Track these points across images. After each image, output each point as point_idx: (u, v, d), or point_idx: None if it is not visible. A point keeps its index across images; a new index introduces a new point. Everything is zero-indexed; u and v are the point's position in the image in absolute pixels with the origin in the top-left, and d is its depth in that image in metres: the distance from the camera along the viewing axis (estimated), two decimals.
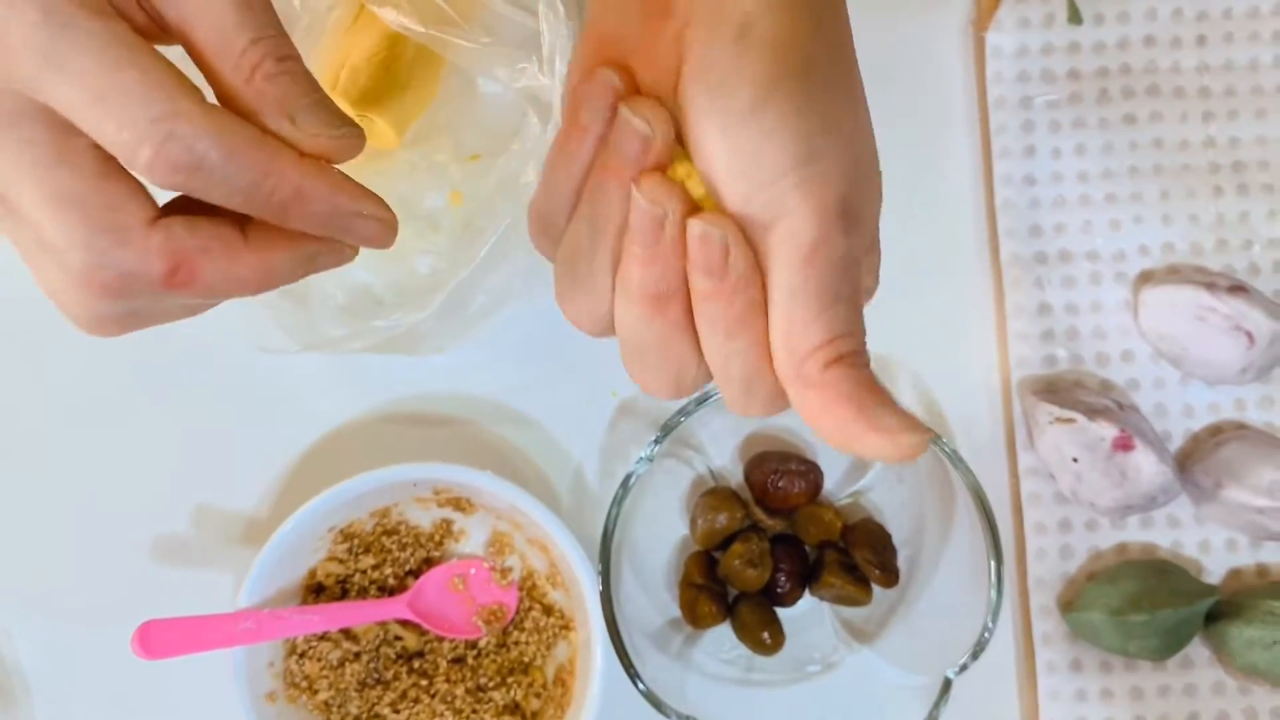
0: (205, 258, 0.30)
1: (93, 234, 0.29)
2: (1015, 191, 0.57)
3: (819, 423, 0.29)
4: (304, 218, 0.30)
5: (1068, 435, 0.53)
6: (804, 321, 0.28)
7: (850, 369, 0.28)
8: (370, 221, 0.31)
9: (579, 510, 0.57)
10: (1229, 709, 0.54)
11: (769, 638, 0.53)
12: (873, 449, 0.29)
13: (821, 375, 0.28)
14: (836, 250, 0.28)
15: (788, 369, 0.29)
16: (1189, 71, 0.58)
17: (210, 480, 0.56)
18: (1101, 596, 0.53)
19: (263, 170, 0.29)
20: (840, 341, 0.28)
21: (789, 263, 0.28)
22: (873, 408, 0.28)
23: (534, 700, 0.55)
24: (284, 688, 0.53)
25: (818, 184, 0.28)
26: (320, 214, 0.30)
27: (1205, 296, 0.53)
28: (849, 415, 0.28)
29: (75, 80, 0.27)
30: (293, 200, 0.29)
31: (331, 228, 0.31)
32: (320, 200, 0.30)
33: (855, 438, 0.29)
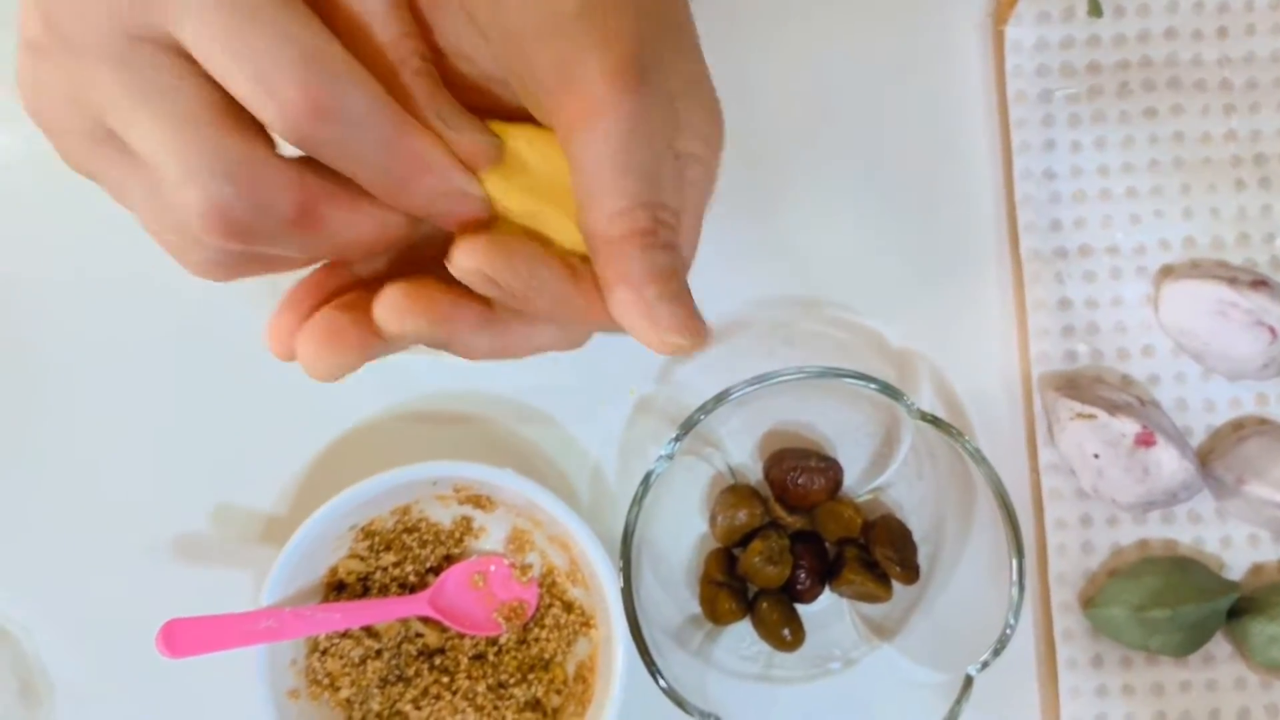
0: (333, 202, 0.29)
1: (228, 161, 0.26)
2: (1035, 186, 0.57)
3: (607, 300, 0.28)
4: (418, 192, 0.29)
5: (1089, 431, 0.53)
6: (594, 189, 0.27)
7: (641, 250, 0.27)
8: (473, 200, 0.30)
9: (598, 507, 0.57)
10: (1251, 705, 0.54)
11: (789, 634, 0.54)
12: (641, 337, 0.28)
13: (610, 250, 0.27)
14: (623, 112, 0.27)
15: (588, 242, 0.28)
16: (1210, 64, 0.57)
17: (231, 479, 0.57)
18: (1123, 592, 0.53)
19: (399, 131, 0.28)
20: (632, 215, 0.27)
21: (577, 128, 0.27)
22: (652, 297, 0.28)
23: (555, 697, 0.55)
24: (306, 685, 0.54)
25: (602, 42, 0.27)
26: (434, 190, 0.29)
27: (1227, 291, 0.53)
28: (627, 297, 0.27)
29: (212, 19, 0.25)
30: (415, 171, 0.28)
31: (437, 206, 0.30)
32: (440, 176, 0.29)
33: (629, 321, 0.28)
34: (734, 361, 0.56)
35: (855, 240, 0.58)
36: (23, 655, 0.56)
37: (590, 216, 0.27)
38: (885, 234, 0.58)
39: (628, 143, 0.27)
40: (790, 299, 0.57)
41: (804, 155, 0.58)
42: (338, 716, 0.54)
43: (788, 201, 0.57)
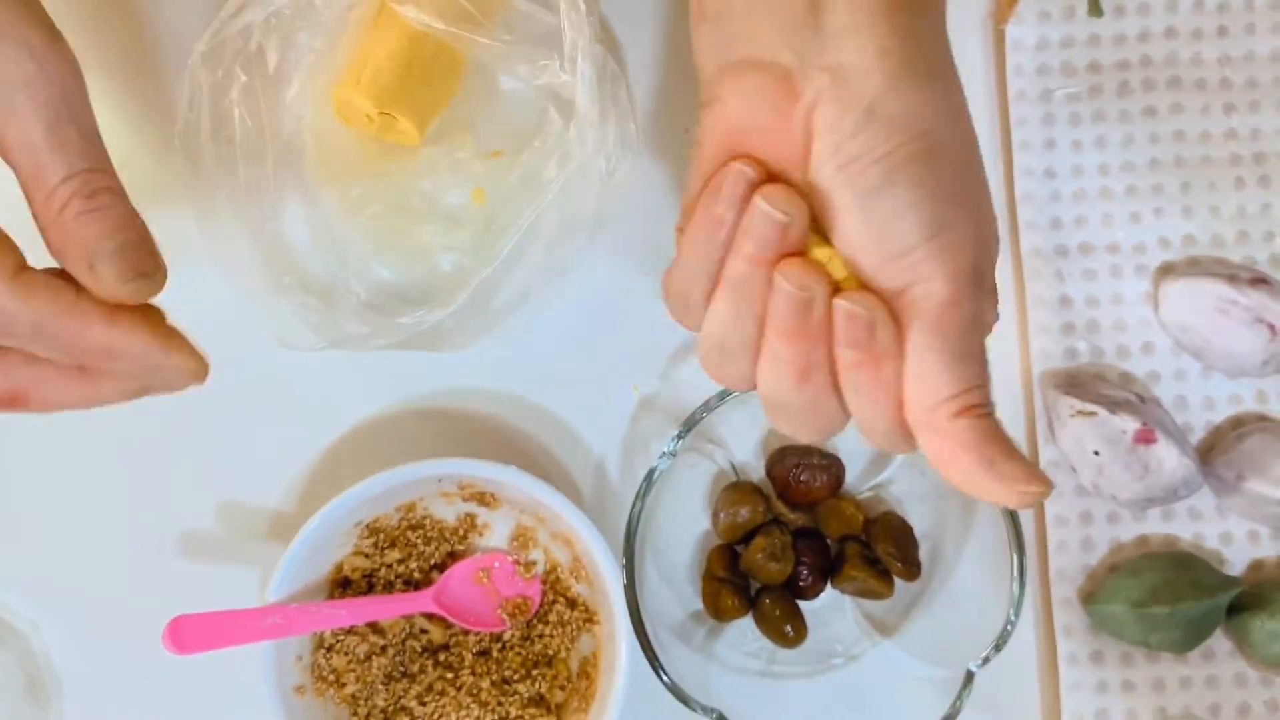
0: (39, 388, 0.34)
1: None
2: (1035, 184, 0.57)
3: (946, 468, 0.31)
4: (119, 369, 0.34)
5: (1089, 428, 0.53)
6: (934, 377, 0.31)
7: (975, 419, 0.31)
8: (181, 373, 0.35)
9: (601, 504, 0.57)
10: (1251, 701, 0.55)
11: (791, 630, 0.54)
12: (994, 495, 0.31)
13: (949, 425, 0.31)
14: (965, 312, 0.31)
15: (918, 418, 0.31)
16: (1210, 63, 0.58)
17: (236, 477, 0.57)
18: (1123, 589, 0.53)
19: (72, 336, 0.32)
20: (966, 395, 0.31)
21: (922, 325, 0.31)
22: (995, 457, 0.31)
23: (558, 692, 0.55)
24: (312, 681, 0.54)
25: (949, 253, 0.31)
26: (129, 369, 0.34)
27: (1226, 289, 0.53)
28: (973, 463, 0.31)
29: None
30: (105, 357, 0.33)
31: (145, 375, 0.35)
32: (132, 358, 0.33)
33: (978, 484, 0.31)
34: None
35: None
36: (30, 652, 0.56)
37: (927, 399, 0.31)
38: None
39: (967, 336, 0.31)
40: None
41: None
42: (343, 712, 0.54)
43: None
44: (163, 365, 0.34)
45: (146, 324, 0.34)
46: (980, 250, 0.32)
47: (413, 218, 0.55)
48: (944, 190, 0.31)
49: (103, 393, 0.35)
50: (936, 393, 0.31)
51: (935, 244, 0.31)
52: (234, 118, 0.52)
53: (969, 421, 0.31)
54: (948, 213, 0.31)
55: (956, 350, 0.31)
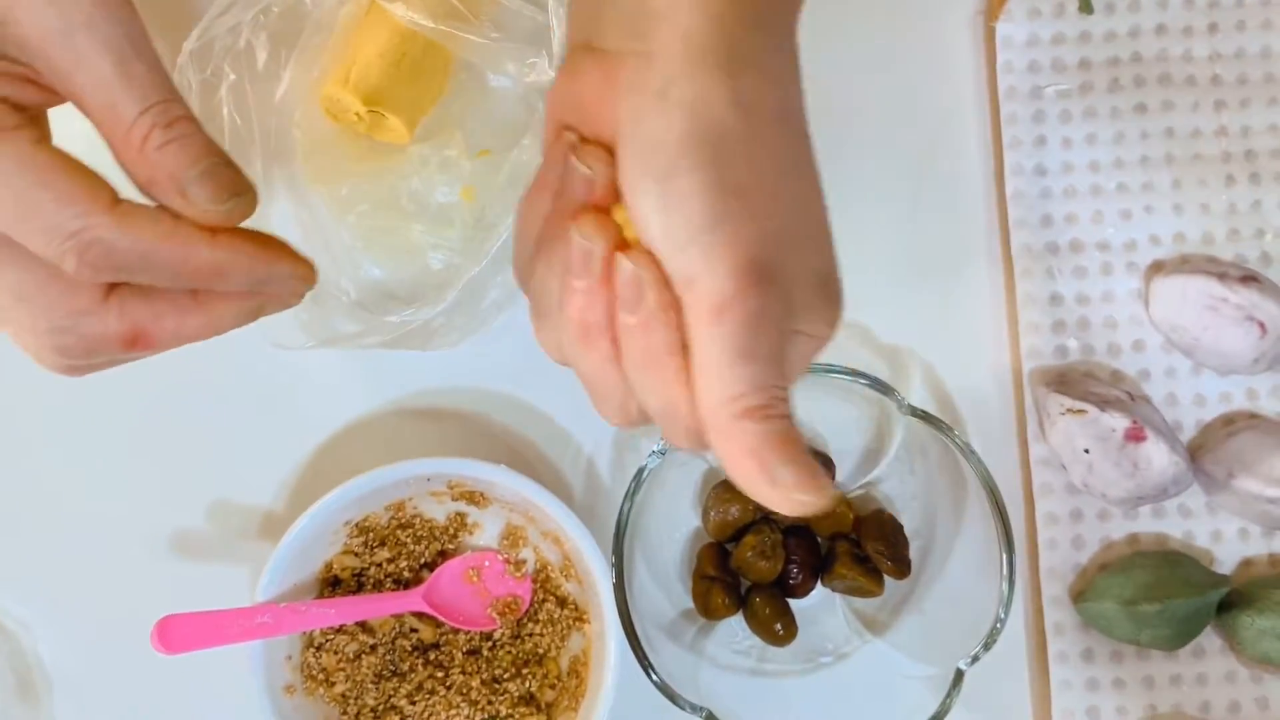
0: (159, 323, 0.34)
1: (53, 321, 0.33)
2: (1026, 182, 0.57)
3: (729, 470, 0.30)
4: (229, 286, 0.34)
5: (1079, 426, 0.53)
6: (715, 375, 0.30)
7: (758, 422, 0.29)
8: (289, 280, 0.35)
9: (591, 503, 0.57)
10: (1241, 698, 0.55)
11: (781, 629, 0.54)
12: (770, 502, 0.30)
13: (729, 425, 0.29)
14: (747, 308, 0.29)
15: (704, 416, 0.30)
16: (1201, 60, 0.58)
17: (226, 476, 0.57)
18: (1114, 587, 0.53)
19: (179, 260, 0.32)
20: (749, 396, 0.29)
21: (699, 320, 0.30)
22: (773, 463, 0.29)
23: (549, 691, 0.55)
24: (301, 680, 0.54)
25: (724, 248, 0.29)
26: (239, 283, 0.34)
27: (1217, 286, 0.53)
28: (752, 468, 0.30)
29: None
30: (214, 276, 0.33)
31: (256, 288, 0.34)
32: (239, 273, 0.33)
33: (754, 488, 0.30)
34: None
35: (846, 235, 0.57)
36: (20, 651, 0.56)
37: (709, 398, 0.30)
38: (876, 229, 0.58)
39: (748, 335, 0.30)
40: None
41: None
42: (333, 712, 0.54)
43: None
44: (270, 275, 0.34)
45: (247, 237, 0.34)
46: (767, 248, 0.30)
47: (402, 216, 0.55)
48: (728, 182, 0.30)
49: (221, 317, 0.35)
50: (717, 391, 0.30)
51: (709, 238, 0.29)
52: (223, 115, 0.52)
53: (751, 424, 0.29)
54: (725, 207, 0.30)
55: (737, 348, 0.29)
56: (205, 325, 0.35)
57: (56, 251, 0.31)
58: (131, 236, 0.31)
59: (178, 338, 0.34)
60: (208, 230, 0.33)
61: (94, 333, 0.33)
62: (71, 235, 0.31)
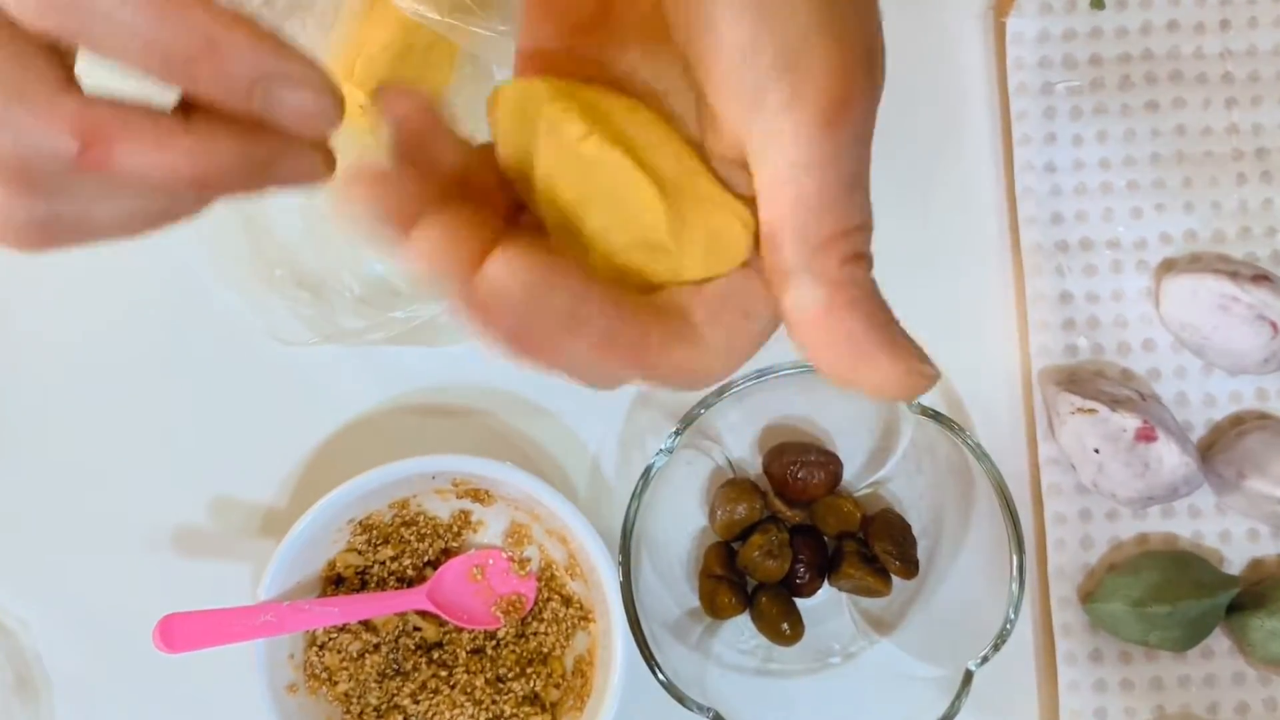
0: (128, 134, 0.24)
1: None
2: (1036, 179, 0.57)
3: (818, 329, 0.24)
4: (217, 80, 0.23)
5: (1089, 426, 0.53)
6: (822, 203, 0.24)
7: (866, 273, 0.25)
8: (303, 89, 0.24)
9: (596, 501, 0.56)
10: (1249, 699, 0.54)
11: (788, 628, 0.53)
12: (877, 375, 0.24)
13: (839, 271, 0.24)
14: (860, 121, 0.25)
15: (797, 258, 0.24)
16: (1212, 57, 0.57)
17: (229, 473, 0.56)
18: (1122, 587, 0.53)
19: (161, 9, 0.22)
20: (857, 235, 0.25)
21: (810, 129, 0.24)
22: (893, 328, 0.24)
23: (553, 691, 0.55)
24: (304, 679, 0.53)
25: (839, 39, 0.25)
26: (237, 74, 0.23)
27: (1228, 285, 0.53)
28: (861, 329, 0.24)
29: None
30: (203, 54, 0.23)
31: (255, 98, 0.24)
32: (237, 56, 0.23)
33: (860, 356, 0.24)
34: None
35: None
36: (19, 649, 0.56)
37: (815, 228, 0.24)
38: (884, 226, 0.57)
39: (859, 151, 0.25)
40: None
41: None
42: (336, 711, 0.54)
43: None
44: (275, 73, 0.24)
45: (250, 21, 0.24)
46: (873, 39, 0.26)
47: None
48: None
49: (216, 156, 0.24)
50: (828, 224, 0.24)
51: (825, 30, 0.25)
52: None
53: (861, 273, 0.24)
54: None
55: (846, 172, 0.24)
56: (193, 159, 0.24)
57: None
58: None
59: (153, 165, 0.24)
60: None
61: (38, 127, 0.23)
62: None
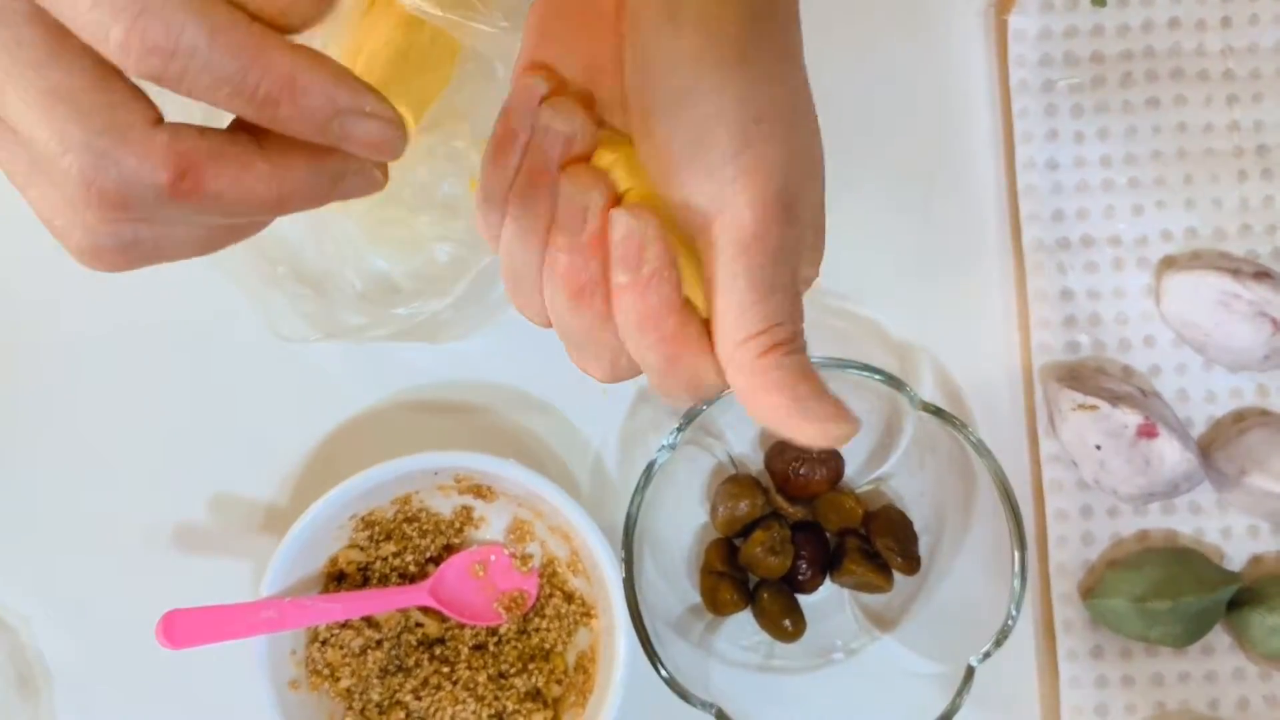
0: (215, 163, 0.26)
1: (89, 132, 0.25)
2: (1037, 176, 0.57)
3: (752, 407, 0.29)
4: (298, 117, 0.26)
5: (1091, 422, 0.53)
6: (740, 310, 0.29)
7: (784, 356, 0.29)
8: (374, 121, 0.27)
9: (599, 497, 0.56)
10: (1250, 695, 0.55)
11: (790, 625, 0.54)
12: (800, 435, 0.29)
13: (755, 362, 0.29)
14: (773, 241, 0.29)
15: (726, 354, 0.29)
16: (1213, 54, 0.57)
17: (230, 469, 0.56)
18: (1124, 584, 0.53)
19: (250, 55, 0.25)
20: (776, 330, 0.29)
21: (727, 253, 0.29)
22: (804, 396, 0.29)
23: (555, 687, 0.55)
24: (306, 675, 0.53)
25: (756, 175, 0.29)
26: (316, 110, 0.26)
27: (1229, 282, 0.53)
28: (780, 402, 0.29)
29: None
30: (284, 93, 0.25)
31: (331, 131, 0.26)
32: (316, 92, 0.26)
33: (784, 423, 0.29)
34: None
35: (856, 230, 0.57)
36: (20, 645, 0.56)
37: (735, 335, 0.29)
38: (886, 224, 0.58)
39: (774, 268, 0.29)
40: None
41: None
42: (338, 707, 0.54)
43: None
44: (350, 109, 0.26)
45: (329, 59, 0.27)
46: (792, 176, 0.30)
47: (408, 207, 0.55)
48: (753, 105, 0.29)
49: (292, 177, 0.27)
50: (743, 328, 0.29)
51: (740, 163, 0.29)
52: None
53: (777, 359, 0.29)
54: (756, 131, 0.29)
55: (761, 283, 0.29)
56: (272, 182, 0.27)
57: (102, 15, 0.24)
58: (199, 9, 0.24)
59: (237, 191, 0.27)
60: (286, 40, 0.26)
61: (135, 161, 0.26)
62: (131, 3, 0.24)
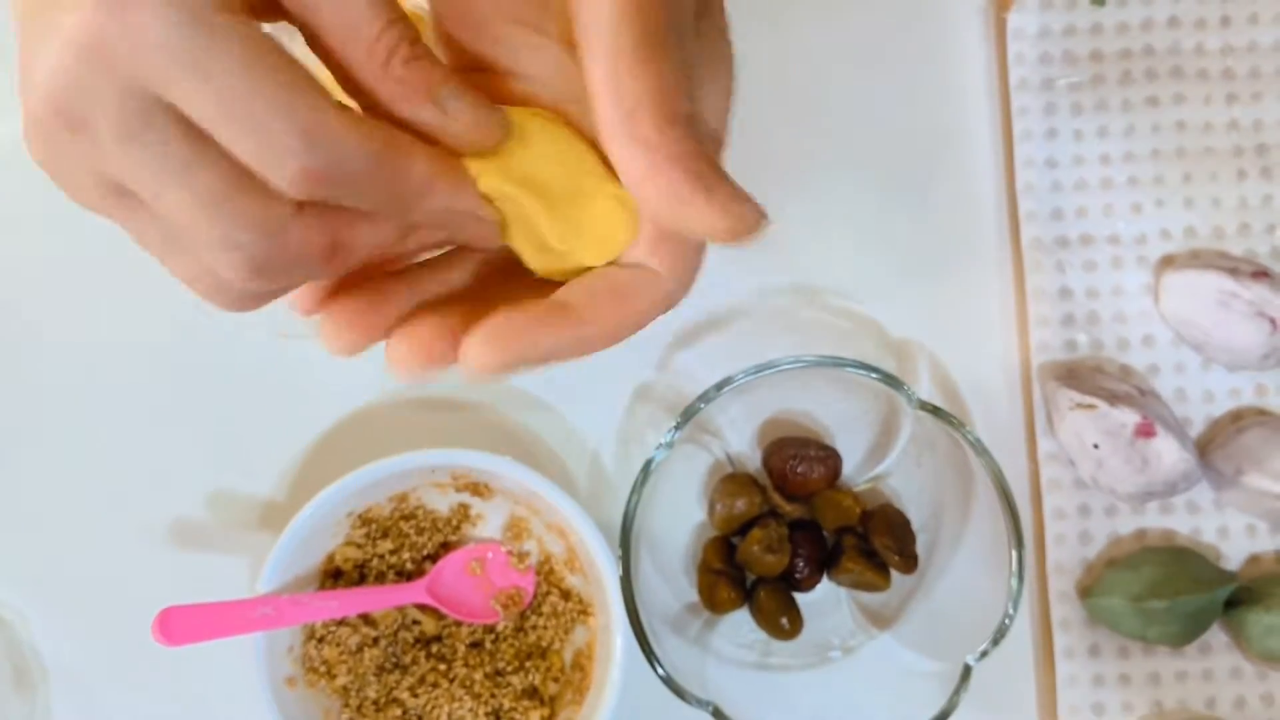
0: (354, 227, 0.29)
1: (249, 234, 0.27)
2: (1036, 174, 0.57)
3: (645, 186, 0.27)
4: (421, 213, 0.29)
5: (1089, 421, 0.53)
6: (632, 65, 0.26)
7: (686, 130, 0.27)
8: (485, 224, 0.30)
9: (596, 495, 0.56)
10: (1247, 694, 0.55)
11: (787, 623, 0.53)
12: (701, 219, 0.27)
13: (657, 133, 0.26)
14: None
15: (614, 122, 0.27)
16: (1213, 53, 0.57)
17: (228, 465, 0.56)
18: (1121, 583, 0.53)
19: (400, 170, 0.28)
20: (675, 99, 0.27)
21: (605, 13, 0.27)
22: (709, 175, 0.27)
23: (552, 685, 0.55)
24: (303, 673, 0.53)
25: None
26: (438, 211, 0.29)
27: (1228, 281, 0.53)
28: (680, 179, 0.27)
29: (212, 90, 0.26)
30: (416, 196, 0.29)
31: (443, 225, 0.30)
32: (443, 196, 0.29)
33: (684, 204, 0.27)
34: (733, 349, 0.56)
35: (855, 228, 0.57)
36: (17, 641, 0.56)
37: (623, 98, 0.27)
38: (885, 222, 0.58)
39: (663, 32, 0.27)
40: (790, 287, 0.57)
41: (804, 143, 0.58)
42: (334, 704, 0.54)
43: (788, 189, 0.57)
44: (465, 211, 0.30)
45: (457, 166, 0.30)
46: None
47: None
48: None
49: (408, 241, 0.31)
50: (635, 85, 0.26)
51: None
52: None
53: (680, 132, 0.26)
54: None
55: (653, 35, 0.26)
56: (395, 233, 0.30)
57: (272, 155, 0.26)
58: (362, 143, 0.27)
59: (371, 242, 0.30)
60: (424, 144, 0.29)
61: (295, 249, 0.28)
62: (298, 136, 0.26)
